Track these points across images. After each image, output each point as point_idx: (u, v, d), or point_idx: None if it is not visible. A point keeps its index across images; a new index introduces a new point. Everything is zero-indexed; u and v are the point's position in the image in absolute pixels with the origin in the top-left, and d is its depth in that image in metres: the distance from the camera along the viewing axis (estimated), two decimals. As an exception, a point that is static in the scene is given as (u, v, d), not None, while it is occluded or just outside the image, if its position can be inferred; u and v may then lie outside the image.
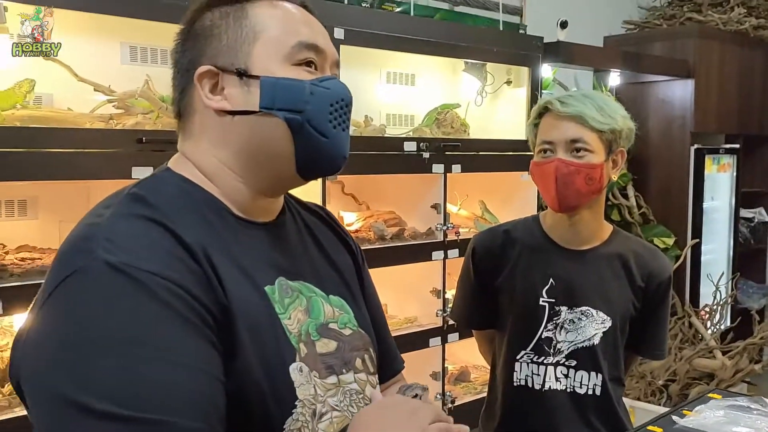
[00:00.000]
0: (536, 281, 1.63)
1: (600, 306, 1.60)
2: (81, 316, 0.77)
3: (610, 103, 1.57)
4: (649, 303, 1.64)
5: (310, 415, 0.89)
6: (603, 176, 1.55)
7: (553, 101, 1.55)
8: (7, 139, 1.79)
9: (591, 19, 4.40)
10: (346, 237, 1.14)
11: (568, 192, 1.52)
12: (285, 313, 0.91)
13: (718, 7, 4.74)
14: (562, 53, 3.36)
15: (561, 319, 1.60)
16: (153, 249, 0.81)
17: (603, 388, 1.59)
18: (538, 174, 1.57)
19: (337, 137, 0.93)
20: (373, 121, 2.82)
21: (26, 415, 1.85)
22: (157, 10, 2.02)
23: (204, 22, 0.94)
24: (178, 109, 0.97)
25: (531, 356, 1.62)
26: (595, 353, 1.59)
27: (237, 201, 0.94)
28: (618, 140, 1.56)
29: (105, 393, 0.73)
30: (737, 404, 1.40)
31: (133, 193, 0.89)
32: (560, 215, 1.60)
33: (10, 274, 1.84)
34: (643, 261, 1.64)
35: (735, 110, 4.57)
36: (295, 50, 0.92)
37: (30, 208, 2.21)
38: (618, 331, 1.60)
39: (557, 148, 1.53)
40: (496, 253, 1.70)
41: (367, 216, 2.81)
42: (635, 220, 4.22)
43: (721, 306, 3.98)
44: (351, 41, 2.45)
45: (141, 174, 1.94)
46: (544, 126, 1.57)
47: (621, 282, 1.62)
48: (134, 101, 2.16)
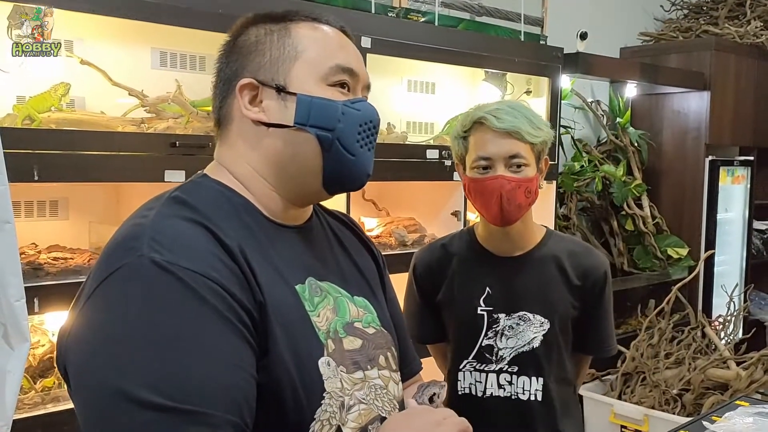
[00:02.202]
0: (473, 291, 1.64)
1: (537, 309, 1.61)
2: (126, 311, 0.81)
3: (535, 114, 1.59)
4: (588, 301, 1.64)
5: (338, 407, 0.94)
6: (537, 187, 1.58)
7: (488, 116, 1.53)
8: (44, 141, 1.84)
9: (608, 30, 4.43)
10: (369, 243, 1.21)
11: (511, 207, 1.53)
12: (314, 311, 0.96)
13: (734, 20, 4.77)
14: (581, 64, 3.39)
15: (500, 326, 1.61)
16: (196, 249, 0.86)
17: (545, 392, 1.60)
18: (478, 190, 1.56)
19: (363, 156, 1.00)
20: (395, 129, 2.86)
21: (58, 411, 1.89)
22: (187, 17, 2.07)
23: (249, 37, 1.00)
24: (218, 116, 1.03)
25: (473, 364, 1.63)
26: (537, 357, 1.60)
27: (269, 206, 0.99)
28: (544, 150, 1.59)
29: (147, 383, 0.77)
30: (765, 411, 1.42)
31: (175, 196, 0.94)
32: (494, 226, 1.61)
33: (45, 273, 1.88)
34: (577, 260, 1.64)
35: (750, 123, 4.59)
36: (332, 72, 0.98)
37: (61, 208, 2.25)
38: (558, 332, 1.61)
39: (496, 164, 1.53)
40: (434, 269, 1.72)
41: (388, 222, 2.84)
42: (649, 230, 4.24)
43: (734, 317, 3.99)
44: (377, 50, 2.49)
45: (173, 177, 1.98)
46: (478, 141, 1.55)
47: (556, 283, 1.62)
48: (165, 106, 2.20)
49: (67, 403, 1.86)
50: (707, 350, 3.69)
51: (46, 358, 1.99)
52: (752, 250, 4.80)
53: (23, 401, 1.84)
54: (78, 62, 2.04)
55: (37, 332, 2.02)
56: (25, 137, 1.82)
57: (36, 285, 1.81)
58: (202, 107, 2.23)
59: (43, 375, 1.97)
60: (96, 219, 2.27)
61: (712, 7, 4.89)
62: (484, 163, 1.54)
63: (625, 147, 4.20)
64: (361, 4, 2.58)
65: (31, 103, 1.96)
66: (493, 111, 1.54)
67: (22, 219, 2.13)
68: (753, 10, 4.75)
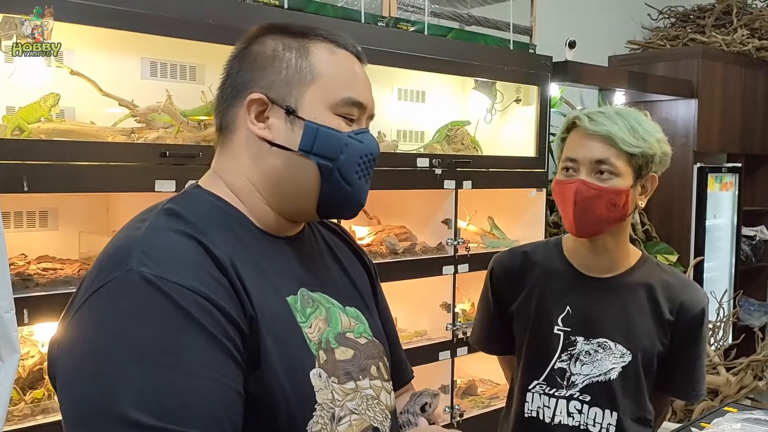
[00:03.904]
0: (552, 308, 1.53)
1: (619, 339, 1.48)
2: (112, 326, 0.82)
3: (644, 123, 1.45)
4: (680, 339, 1.49)
5: (329, 419, 0.94)
6: (628, 202, 1.43)
7: (582, 117, 1.44)
8: (33, 152, 1.83)
9: (596, 39, 4.46)
10: (361, 253, 1.21)
11: (587, 217, 1.42)
12: (306, 322, 0.96)
13: (721, 28, 4.81)
14: (570, 72, 3.41)
15: (576, 350, 1.50)
16: (185, 263, 0.86)
17: (618, 428, 1.47)
18: (559, 193, 1.47)
19: (359, 187, 1.00)
20: (386, 138, 2.87)
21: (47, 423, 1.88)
22: (177, 27, 2.06)
23: (266, 48, 0.98)
24: (220, 122, 1.01)
25: (543, 387, 1.52)
26: (612, 389, 1.47)
27: (262, 219, 1.00)
28: (650, 165, 1.44)
29: (130, 400, 0.77)
30: (753, 417, 1.43)
31: (168, 209, 0.94)
32: (581, 240, 1.50)
33: (35, 284, 1.87)
34: (673, 292, 1.50)
35: (737, 130, 4.63)
36: (342, 103, 0.98)
37: (50, 219, 2.24)
38: (640, 367, 1.48)
39: (581, 168, 1.43)
40: (514, 275, 1.61)
41: (379, 230, 2.85)
42: (638, 237, 4.26)
43: (723, 323, 4.01)
44: (367, 59, 2.49)
45: (164, 187, 1.98)
46: (570, 142, 1.47)
47: (645, 314, 1.49)
48: (155, 115, 2.20)
49: (56, 415, 1.85)
50: (697, 356, 3.71)
51: (36, 369, 1.98)
52: (741, 257, 4.84)
53: (12, 413, 1.83)
54: (68, 72, 2.03)
55: (27, 343, 2.01)
56: (14, 148, 1.81)
57: (25, 296, 1.80)
58: (192, 117, 2.23)
59: (33, 386, 1.96)
60: (86, 229, 2.26)
61: (699, 16, 4.94)
62: (570, 165, 1.44)
63: (614, 154, 4.22)
64: (351, 13, 2.59)
65: (20, 113, 1.95)
66: (591, 113, 1.45)
67: (12, 229, 2.12)
68: (739, 18, 4.80)
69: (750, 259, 4.98)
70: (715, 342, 3.87)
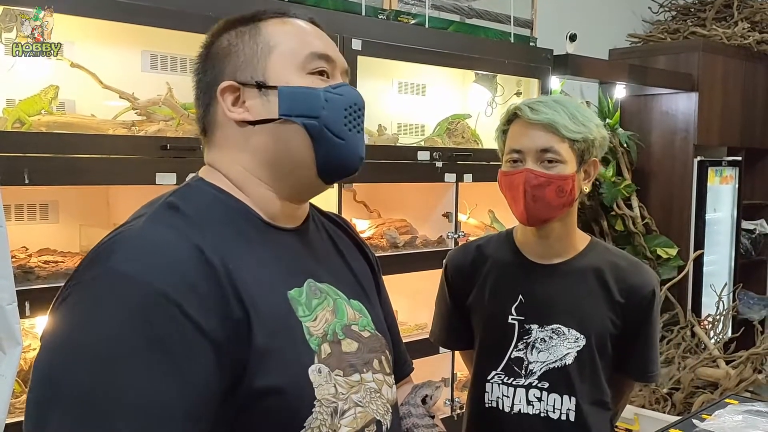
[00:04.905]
0: (505, 298, 1.54)
1: (572, 323, 1.48)
2: (75, 323, 0.82)
3: (582, 110, 1.48)
4: (632, 320, 1.51)
5: (329, 414, 0.93)
6: (574, 188, 1.46)
7: (523, 107, 1.46)
8: (34, 144, 1.83)
9: (597, 32, 4.46)
10: (363, 246, 1.20)
11: (537, 205, 1.43)
12: (310, 315, 0.95)
13: (722, 21, 4.81)
14: (570, 66, 3.41)
15: (532, 337, 1.50)
16: (166, 264, 0.84)
17: (578, 412, 1.47)
18: (506, 184, 1.48)
19: (352, 139, 0.99)
20: (386, 131, 2.87)
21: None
22: (177, 20, 2.06)
23: (221, 42, 1.01)
24: (203, 125, 1.02)
25: (501, 377, 1.52)
26: (569, 374, 1.47)
27: (265, 208, 0.99)
28: (591, 149, 1.46)
29: (67, 404, 0.78)
30: (755, 409, 1.43)
31: (169, 202, 0.94)
32: (530, 229, 1.51)
33: (36, 276, 1.87)
34: (623, 274, 1.51)
35: (738, 123, 4.63)
36: (308, 60, 0.98)
37: (51, 211, 2.24)
38: (595, 350, 1.49)
39: (526, 158, 1.44)
40: (466, 270, 1.62)
41: (379, 223, 2.85)
42: (638, 231, 4.26)
43: (723, 316, 4.02)
44: (368, 52, 2.50)
45: (164, 180, 1.98)
46: (513, 133, 1.49)
47: (596, 297, 1.50)
48: (156, 108, 2.20)
49: (58, 407, 1.85)
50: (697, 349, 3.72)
51: (38, 361, 1.98)
52: (741, 250, 4.85)
53: (15, 405, 1.83)
54: (68, 65, 2.03)
55: (28, 336, 2.01)
56: (15, 140, 1.81)
57: (27, 288, 1.80)
58: (193, 110, 2.22)
59: (35, 379, 1.96)
60: (86, 222, 2.26)
61: (700, 9, 4.93)
62: (515, 156, 1.46)
63: (615, 148, 4.23)
64: (351, 6, 2.58)
65: (21, 106, 1.95)
66: (531, 103, 1.46)
67: (13, 222, 2.12)
68: (740, 11, 4.80)
69: (749, 252, 4.99)
70: (714, 335, 3.88)
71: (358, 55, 2.46)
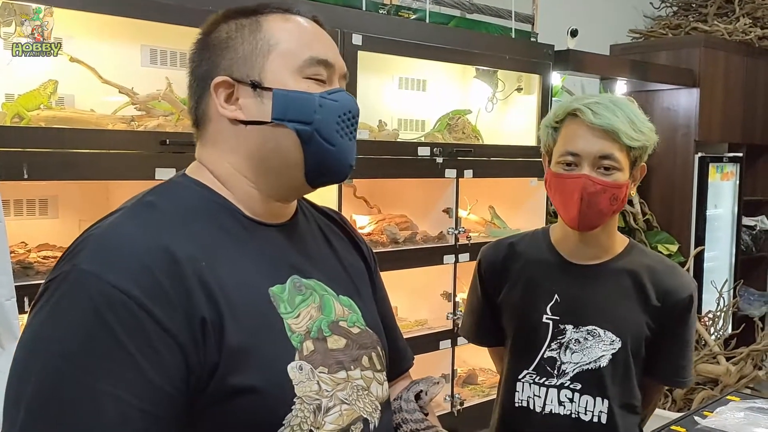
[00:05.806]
0: (540, 297, 1.52)
1: (608, 326, 1.47)
2: (39, 319, 0.83)
3: (638, 114, 1.44)
4: (667, 324, 1.49)
5: (311, 411, 0.91)
6: (626, 195, 1.44)
7: (583, 109, 1.40)
8: (33, 139, 1.82)
9: (598, 27, 4.44)
10: (359, 242, 1.18)
11: (591, 212, 1.40)
12: (293, 312, 0.94)
13: (723, 17, 4.80)
14: (572, 61, 3.40)
15: (566, 338, 1.48)
16: (131, 262, 0.83)
17: (609, 415, 1.46)
18: (558, 187, 1.44)
19: (343, 146, 0.98)
20: (387, 126, 2.86)
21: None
22: (177, 14, 2.05)
23: (220, 33, 0.98)
24: (195, 116, 1.01)
25: (533, 376, 1.51)
26: (602, 377, 1.46)
27: (249, 205, 0.98)
28: (643, 156, 1.44)
29: (25, 399, 0.79)
30: (756, 406, 1.43)
31: (146, 201, 0.93)
32: (573, 230, 1.48)
33: (36, 272, 1.86)
34: (659, 278, 1.49)
35: (739, 120, 4.62)
36: (307, 64, 0.96)
37: (51, 207, 2.24)
38: (629, 353, 1.47)
39: (583, 162, 1.40)
40: (498, 267, 1.61)
41: (380, 219, 2.84)
42: (639, 227, 4.26)
43: (723, 312, 4.02)
44: (368, 47, 2.49)
45: (164, 175, 1.97)
46: (568, 134, 1.43)
47: (632, 300, 1.48)
48: (155, 103, 2.19)
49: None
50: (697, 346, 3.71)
51: (37, 357, 1.98)
52: (741, 246, 4.84)
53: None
54: (67, 60, 2.02)
55: (28, 331, 2.01)
56: (14, 135, 1.80)
57: (26, 284, 1.79)
58: (192, 105, 2.21)
59: (34, 374, 1.96)
60: (86, 217, 2.25)
61: (701, 4, 4.92)
62: (571, 159, 1.41)
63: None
64: (351, 1, 2.57)
65: (20, 101, 1.94)
66: (591, 104, 1.41)
67: (12, 217, 2.12)
68: (741, 7, 4.78)
69: (750, 248, 4.98)
70: (715, 332, 3.87)
71: (358, 50, 2.45)
